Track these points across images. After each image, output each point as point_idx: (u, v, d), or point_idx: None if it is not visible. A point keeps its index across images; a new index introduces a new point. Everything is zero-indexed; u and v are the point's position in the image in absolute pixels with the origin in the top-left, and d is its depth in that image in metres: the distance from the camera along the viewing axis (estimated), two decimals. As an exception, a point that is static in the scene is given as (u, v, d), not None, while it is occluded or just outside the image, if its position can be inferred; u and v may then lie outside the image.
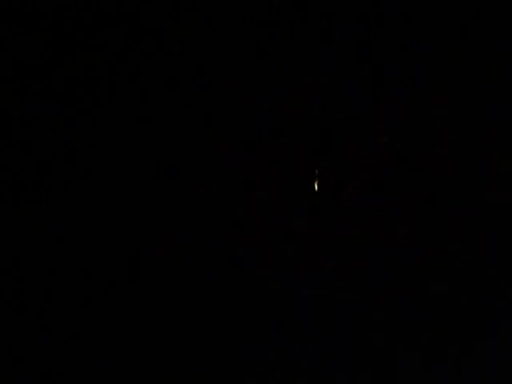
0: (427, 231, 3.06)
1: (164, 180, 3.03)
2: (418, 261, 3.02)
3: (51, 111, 2.95)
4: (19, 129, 2.94)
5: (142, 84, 3.04)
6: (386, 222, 3.06)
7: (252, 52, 3.01)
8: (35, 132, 2.95)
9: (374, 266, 3.01)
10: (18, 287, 2.90)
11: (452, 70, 3.08)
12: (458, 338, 2.98)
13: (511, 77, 3.03)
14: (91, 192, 2.98)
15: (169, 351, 2.94)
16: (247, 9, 2.96)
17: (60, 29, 2.92)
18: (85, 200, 2.99)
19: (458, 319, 2.98)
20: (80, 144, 3.00)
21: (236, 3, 2.97)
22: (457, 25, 3.03)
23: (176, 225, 3.01)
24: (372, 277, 3.00)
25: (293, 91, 3.07)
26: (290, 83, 3.06)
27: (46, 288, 2.90)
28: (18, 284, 2.90)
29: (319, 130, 3.09)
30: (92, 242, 2.95)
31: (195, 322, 2.96)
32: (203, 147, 3.04)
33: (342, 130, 3.07)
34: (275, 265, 2.99)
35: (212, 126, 3.04)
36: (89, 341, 2.88)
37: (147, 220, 3.01)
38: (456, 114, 3.08)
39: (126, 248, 2.96)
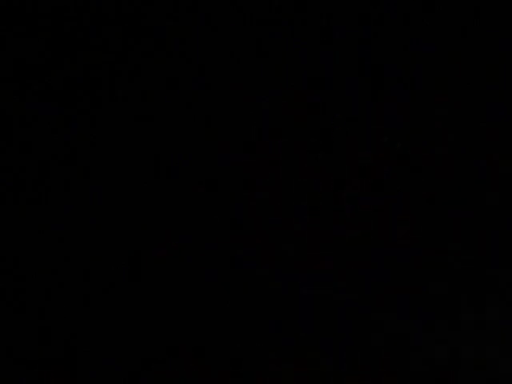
0: (427, 231, 3.06)
1: (164, 180, 3.03)
2: (418, 261, 3.02)
3: (51, 111, 2.95)
4: (19, 129, 2.94)
5: (142, 84, 3.04)
6: (386, 222, 3.06)
7: (252, 52, 3.01)
8: (35, 132, 2.95)
9: (374, 266, 3.01)
10: (18, 287, 2.90)
11: (452, 70, 3.08)
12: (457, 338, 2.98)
13: (511, 77, 3.03)
14: (91, 192, 2.98)
15: (168, 351, 2.94)
16: (247, 9, 2.96)
17: (60, 29, 2.93)
18: (85, 200, 2.99)
19: (458, 319, 2.98)
20: (80, 144, 3.00)
21: (236, 3, 2.97)
22: (457, 25, 3.04)
23: (176, 225, 3.01)
24: (372, 277, 3.01)
25: (293, 91, 3.07)
26: (290, 83, 3.06)
27: (46, 288, 2.90)
28: (18, 284, 2.90)
29: (319, 130, 3.09)
30: (92, 241, 2.96)
31: (195, 322, 2.96)
32: (203, 147, 3.04)
33: (341, 129, 3.07)
34: (275, 265, 2.99)
35: (212, 126, 3.04)
36: (88, 341, 2.88)
37: (147, 220, 3.01)
38: (456, 113, 3.08)
39: (126, 248, 2.96)
